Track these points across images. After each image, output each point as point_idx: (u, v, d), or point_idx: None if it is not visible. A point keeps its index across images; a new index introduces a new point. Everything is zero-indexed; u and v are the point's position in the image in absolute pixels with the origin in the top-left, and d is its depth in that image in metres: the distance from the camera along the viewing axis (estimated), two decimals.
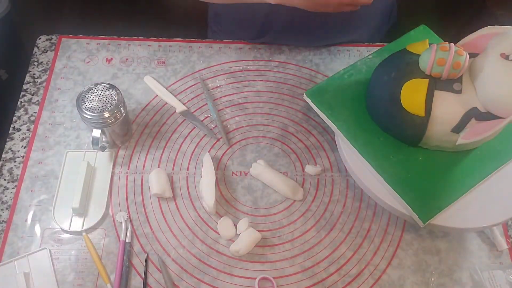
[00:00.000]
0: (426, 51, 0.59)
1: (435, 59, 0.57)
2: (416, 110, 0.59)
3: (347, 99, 0.68)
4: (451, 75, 0.58)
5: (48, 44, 0.82)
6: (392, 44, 0.73)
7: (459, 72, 0.57)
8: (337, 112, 0.67)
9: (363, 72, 0.70)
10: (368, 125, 0.65)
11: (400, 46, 0.67)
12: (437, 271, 0.64)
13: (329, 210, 0.68)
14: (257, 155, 0.73)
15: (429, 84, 0.59)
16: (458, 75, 0.58)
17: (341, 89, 0.69)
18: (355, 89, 0.69)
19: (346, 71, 0.71)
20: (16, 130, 0.73)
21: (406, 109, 0.59)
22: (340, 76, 0.71)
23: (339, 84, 0.70)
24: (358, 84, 0.69)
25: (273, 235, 0.66)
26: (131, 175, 0.70)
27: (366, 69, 0.63)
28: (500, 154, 0.63)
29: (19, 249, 0.63)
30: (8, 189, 0.68)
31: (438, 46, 0.58)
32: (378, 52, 0.73)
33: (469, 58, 0.58)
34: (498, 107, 0.55)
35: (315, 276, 0.63)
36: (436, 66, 0.57)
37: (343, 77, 0.70)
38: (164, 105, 0.77)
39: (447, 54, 0.57)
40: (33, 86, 0.77)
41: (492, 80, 0.55)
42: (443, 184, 0.61)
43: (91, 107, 0.64)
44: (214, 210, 0.67)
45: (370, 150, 0.63)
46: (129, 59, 0.81)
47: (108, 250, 0.64)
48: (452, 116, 0.58)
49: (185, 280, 0.62)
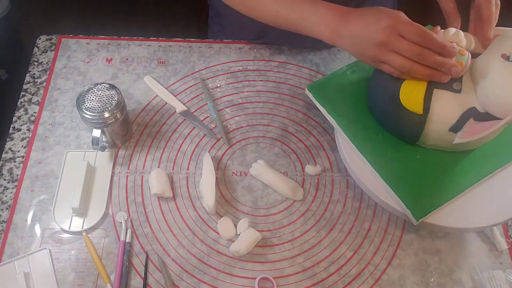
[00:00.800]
0: None
1: None
2: (415, 108, 0.59)
3: (348, 95, 0.68)
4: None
5: (48, 44, 0.82)
6: None
7: (461, 72, 0.57)
8: (337, 107, 0.67)
9: (366, 69, 0.70)
10: (368, 121, 0.65)
11: None
12: (437, 271, 0.64)
13: (329, 210, 0.68)
14: (257, 155, 0.73)
15: (429, 82, 0.59)
16: (460, 75, 0.58)
17: (343, 85, 0.69)
18: (357, 85, 0.69)
19: (349, 67, 0.71)
20: (16, 130, 0.73)
21: (404, 106, 0.60)
22: (343, 72, 0.71)
23: (341, 80, 0.70)
24: (360, 81, 0.69)
25: (273, 235, 0.66)
26: (131, 175, 0.70)
27: (369, 67, 0.63)
28: (499, 156, 0.63)
29: (19, 249, 0.63)
30: (8, 189, 0.68)
31: None
32: None
33: (471, 58, 0.58)
34: (496, 108, 0.55)
35: (315, 276, 0.63)
36: None
37: (345, 73, 0.70)
38: (164, 105, 0.77)
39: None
40: (33, 86, 0.77)
41: (491, 80, 0.55)
42: (438, 183, 0.61)
43: (91, 107, 0.64)
44: (214, 210, 0.67)
45: (368, 146, 0.63)
46: (129, 59, 0.81)
47: (108, 250, 0.64)
48: (451, 115, 0.58)
49: (185, 280, 0.62)
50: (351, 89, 0.69)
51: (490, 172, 0.62)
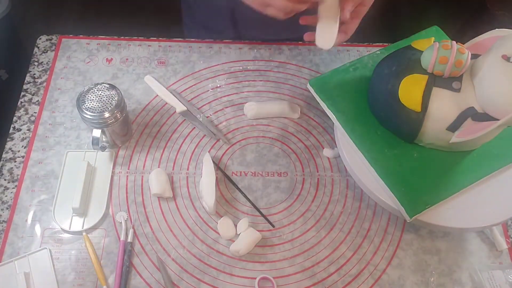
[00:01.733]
0: (428, 49, 0.59)
1: (437, 57, 0.57)
2: (413, 105, 0.59)
3: (349, 91, 0.68)
4: (453, 73, 0.58)
5: (48, 44, 0.82)
6: (401, 42, 0.73)
7: (460, 70, 0.57)
8: (338, 103, 0.67)
9: (369, 66, 0.70)
10: (368, 118, 0.65)
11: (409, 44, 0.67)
12: (437, 271, 0.64)
13: (329, 210, 0.68)
14: (257, 155, 0.73)
15: (428, 80, 0.59)
16: (459, 73, 0.58)
17: (344, 81, 0.69)
18: (359, 82, 0.69)
19: (352, 64, 0.71)
20: (16, 130, 0.73)
21: (403, 103, 0.60)
22: (346, 68, 0.71)
23: (343, 76, 0.70)
24: (362, 78, 0.69)
25: (273, 235, 0.66)
26: (131, 175, 0.70)
27: (372, 64, 0.62)
28: (497, 157, 0.63)
29: (19, 249, 0.63)
30: (8, 189, 0.68)
31: (440, 44, 0.58)
32: (387, 49, 0.73)
33: (471, 58, 0.58)
34: (494, 108, 0.55)
35: (315, 276, 0.63)
36: (438, 65, 0.57)
37: (348, 70, 0.70)
38: (164, 105, 0.77)
39: (449, 52, 0.57)
40: (33, 86, 0.77)
41: (490, 80, 0.55)
42: (434, 182, 0.61)
43: (91, 107, 0.64)
44: (214, 210, 0.67)
45: (366, 143, 0.63)
46: (129, 59, 0.81)
47: (108, 250, 0.64)
48: (449, 114, 0.58)
49: (185, 280, 0.62)
50: (352, 86, 0.69)
51: (488, 173, 0.62)
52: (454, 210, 0.60)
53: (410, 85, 0.59)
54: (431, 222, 0.59)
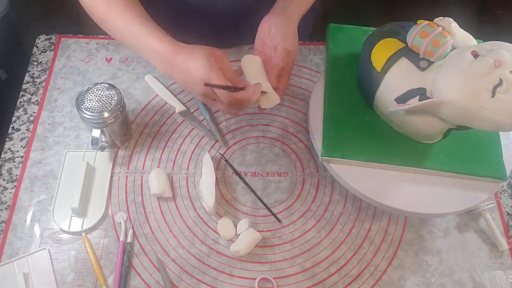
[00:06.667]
0: (416, 25, 0.60)
1: (419, 31, 0.58)
2: (377, 65, 0.61)
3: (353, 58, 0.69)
4: (428, 53, 0.58)
5: (47, 44, 0.82)
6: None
7: (436, 52, 0.57)
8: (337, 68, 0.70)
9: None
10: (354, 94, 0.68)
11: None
12: (438, 272, 0.64)
13: (329, 210, 0.68)
14: (257, 155, 0.72)
15: (402, 49, 0.60)
16: (434, 56, 0.58)
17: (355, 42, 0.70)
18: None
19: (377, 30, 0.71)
20: (16, 130, 0.73)
21: (371, 59, 0.62)
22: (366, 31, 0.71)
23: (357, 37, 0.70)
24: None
25: (273, 236, 0.66)
26: (131, 175, 0.70)
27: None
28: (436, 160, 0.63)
29: (19, 249, 0.63)
30: (7, 189, 0.67)
31: (428, 23, 0.59)
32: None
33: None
34: (436, 90, 0.56)
35: (315, 276, 0.63)
36: (417, 38, 0.58)
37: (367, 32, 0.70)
38: (164, 105, 0.76)
39: (432, 30, 0.57)
40: (32, 86, 0.77)
41: (446, 66, 0.56)
42: (363, 143, 0.64)
43: (91, 107, 0.64)
44: (214, 210, 0.66)
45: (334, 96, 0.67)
46: (128, 59, 0.81)
47: (108, 250, 0.63)
48: (402, 85, 0.59)
49: (185, 281, 0.62)
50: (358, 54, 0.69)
51: (418, 167, 0.62)
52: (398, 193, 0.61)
53: (384, 45, 0.62)
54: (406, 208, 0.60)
